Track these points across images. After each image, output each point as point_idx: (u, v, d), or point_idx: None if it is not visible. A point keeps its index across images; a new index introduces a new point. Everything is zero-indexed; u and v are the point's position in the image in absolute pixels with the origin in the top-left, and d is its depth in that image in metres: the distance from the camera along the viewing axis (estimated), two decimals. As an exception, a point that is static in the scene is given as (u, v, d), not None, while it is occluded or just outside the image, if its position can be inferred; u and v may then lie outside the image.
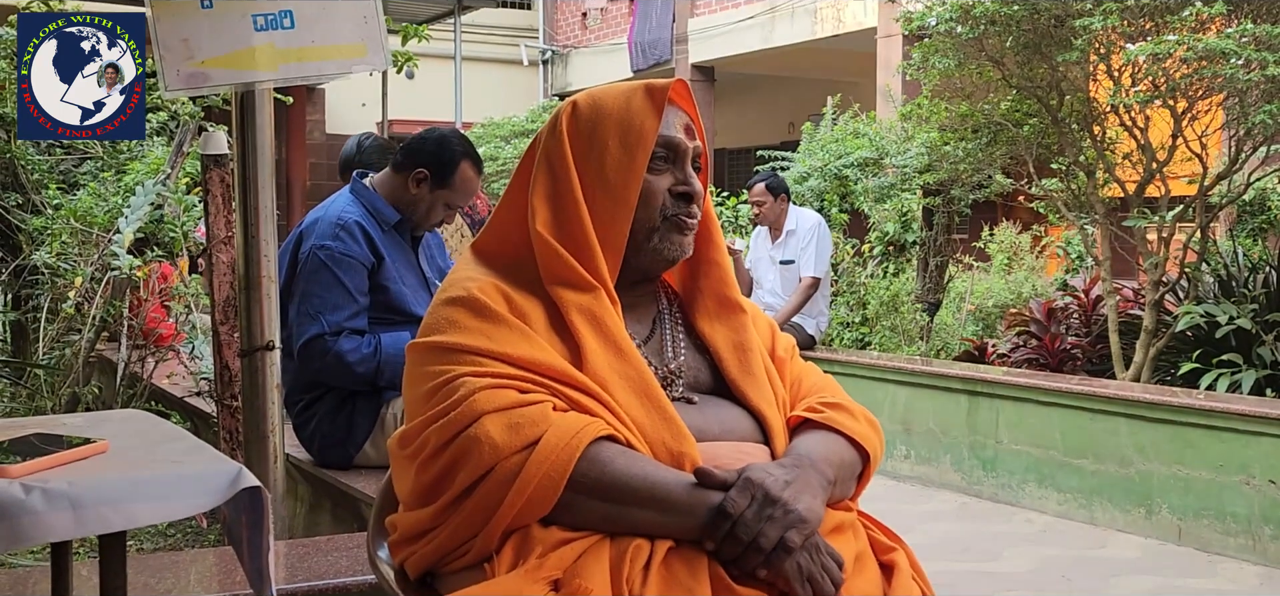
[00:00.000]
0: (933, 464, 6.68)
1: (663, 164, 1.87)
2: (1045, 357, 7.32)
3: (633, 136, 1.84)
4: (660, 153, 1.86)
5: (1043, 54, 6.61)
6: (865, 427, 1.92)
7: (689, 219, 1.89)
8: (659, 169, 1.87)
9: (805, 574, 1.63)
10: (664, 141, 1.86)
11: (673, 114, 1.89)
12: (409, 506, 1.77)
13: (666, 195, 1.87)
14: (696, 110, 1.96)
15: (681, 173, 1.89)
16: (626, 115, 1.85)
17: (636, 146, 1.83)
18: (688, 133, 1.91)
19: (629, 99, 1.87)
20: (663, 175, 1.87)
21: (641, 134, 1.84)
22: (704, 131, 1.98)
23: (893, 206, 9.11)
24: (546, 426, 1.65)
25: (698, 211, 1.91)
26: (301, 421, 3.79)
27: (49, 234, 5.18)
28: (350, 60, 3.36)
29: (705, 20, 16.58)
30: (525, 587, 1.58)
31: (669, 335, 1.94)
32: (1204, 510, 5.25)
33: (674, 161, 1.89)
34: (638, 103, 1.86)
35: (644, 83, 1.90)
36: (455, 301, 1.81)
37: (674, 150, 1.88)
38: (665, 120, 1.87)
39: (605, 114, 1.86)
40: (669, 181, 1.88)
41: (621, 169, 1.83)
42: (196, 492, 1.49)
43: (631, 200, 1.84)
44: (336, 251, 3.56)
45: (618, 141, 1.84)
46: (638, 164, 1.84)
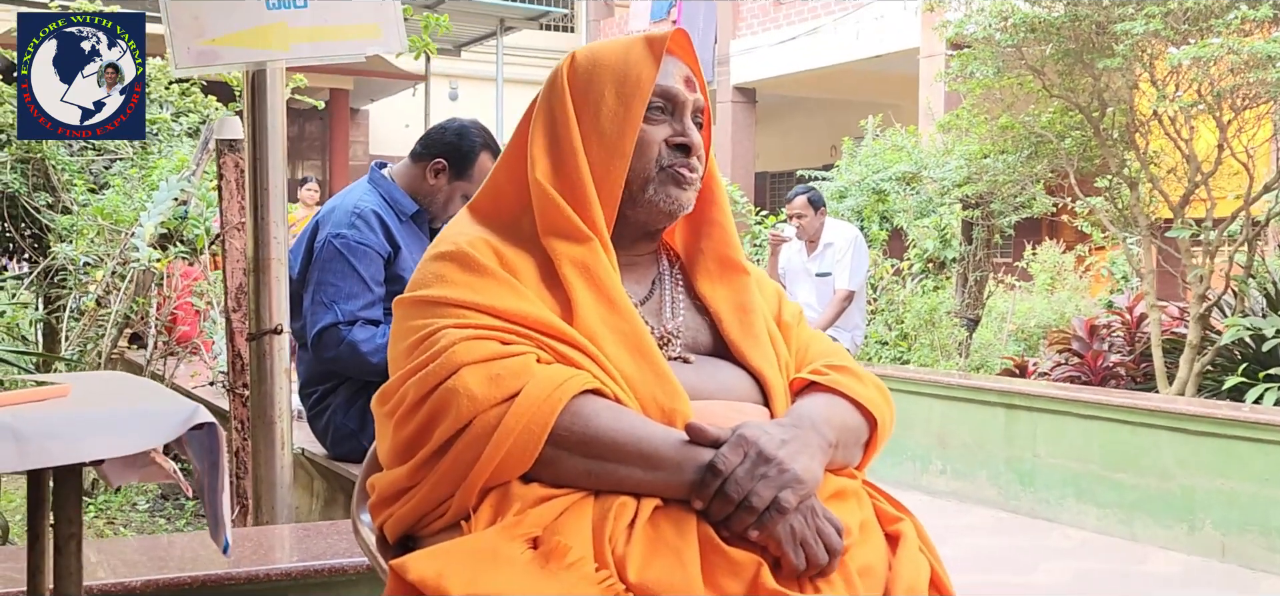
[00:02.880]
0: (969, 479, 6.53)
1: (660, 114, 1.81)
2: (1087, 375, 7.16)
3: (629, 86, 1.78)
4: (657, 103, 1.80)
5: (1084, 63, 6.47)
6: (873, 393, 1.82)
7: (687, 172, 1.81)
8: (656, 119, 1.80)
9: (799, 537, 1.53)
10: (661, 91, 1.80)
11: (673, 64, 1.83)
12: (389, 465, 1.69)
13: (663, 146, 1.80)
14: (698, 63, 1.88)
15: (680, 124, 1.82)
16: (624, 65, 1.79)
17: (633, 96, 1.77)
18: (688, 85, 1.84)
19: (627, 50, 1.81)
20: (660, 125, 1.81)
21: (638, 83, 1.78)
22: (706, 86, 1.90)
23: (932, 223, 8.98)
24: (528, 378, 1.57)
25: (697, 165, 1.83)
26: (315, 413, 3.73)
27: (76, 231, 5.17)
28: (365, 41, 3.32)
29: (747, 41, 16.53)
30: (501, 544, 1.50)
31: (668, 296, 1.86)
32: (1249, 525, 5.08)
33: (672, 113, 1.82)
34: (636, 53, 1.80)
35: (644, 33, 1.83)
36: (443, 256, 1.74)
37: (672, 101, 1.81)
38: (664, 70, 1.81)
39: (603, 65, 1.80)
40: (666, 132, 1.81)
41: (617, 119, 1.77)
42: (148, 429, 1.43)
43: (627, 150, 1.77)
44: (353, 240, 3.50)
45: (614, 91, 1.78)
46: (634, 114, 1.77)
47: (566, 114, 1.78)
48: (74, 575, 1.52)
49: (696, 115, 1.85)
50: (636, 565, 1.48)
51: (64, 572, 1.52)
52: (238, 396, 3.52)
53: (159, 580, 2.38)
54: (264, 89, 3.20)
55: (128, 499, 4.83)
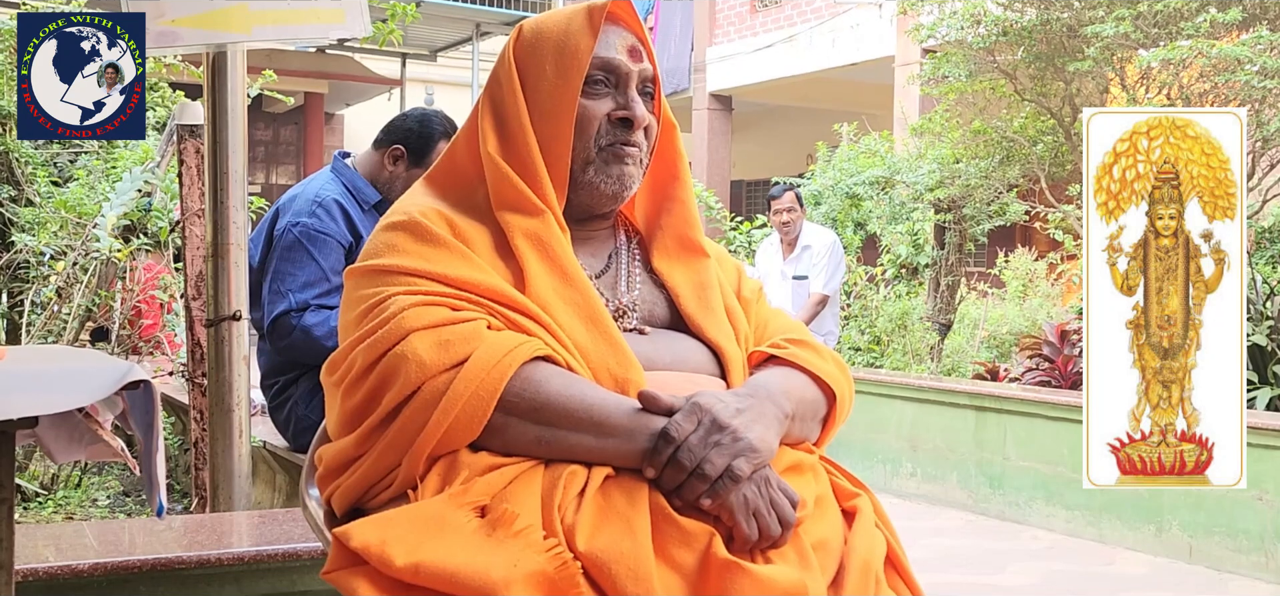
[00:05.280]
0: (939, 481, 6.52)
1: (602, 87, 1.74)
2: (1058, 380, 7.15)
3: (567, 58, 1.71)
4: (598, 75, 1.73)
5: (1056, 66, 6.49)
6: (832, 367, 1.78)
7: (628, 148, 1.75)
8: (597, 93, 1.73)
9: (752, 507, 1.50)
10: (601, 62, 1.73)
11: (615, 34, 1.75)
12: (337, 436, 1.65)
13: (604, 121, 1.73)
14: (644, 31, 1.82)
15: (623, 97, 1.75)
16: (563, 36, 1.72)
17: (570, 67, 1.71)
18: (632, 55, 1.76)
19: (569, 20, 1.74)
20: (602, 100, 1.74)
21: (576, 54, 1.71)
22: (655, 56, 1.83)
23: (905, 229, 8.99)
24: (478, 344, 1.54)
25: (641, 141, 1.77)
26: (277, 405, 3.66)
27: (38, 223, 5.10)
28: (328, 25, 3.29)
29: (723, 48, 16.52)
30: (448, 511, 1.46)
31: (624, 269, 1.82)
32: (1215, 527, 5.08)
33: (615, 85, 1.75)
34: (576, 23, 1.72)
35: (587, 3, 1.77)
36: (395, 225, 1.70)
37: (614, 72, 1.74)
38: (604, 41, 1.73)
39: (544, 36, 1.74)
40: (608, 106, 1.74)
41: (556, 93, 1.71)
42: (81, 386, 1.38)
43: (567, 127, 1.71)
44: (312, 228, 3.44)
45: (553, 64, 1.72)
46: (572, 86, 1.71)
47: (513, 87, 1.73)
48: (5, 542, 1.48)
49: (646, 86, 1.78)
50: (586, 533, 1.45)
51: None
52: (197, 386, 3.46)
53: (108, 563, 2.33)
54: (225, 72, 3.15)
55: (88, 496, 4.76)
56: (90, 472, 4.99)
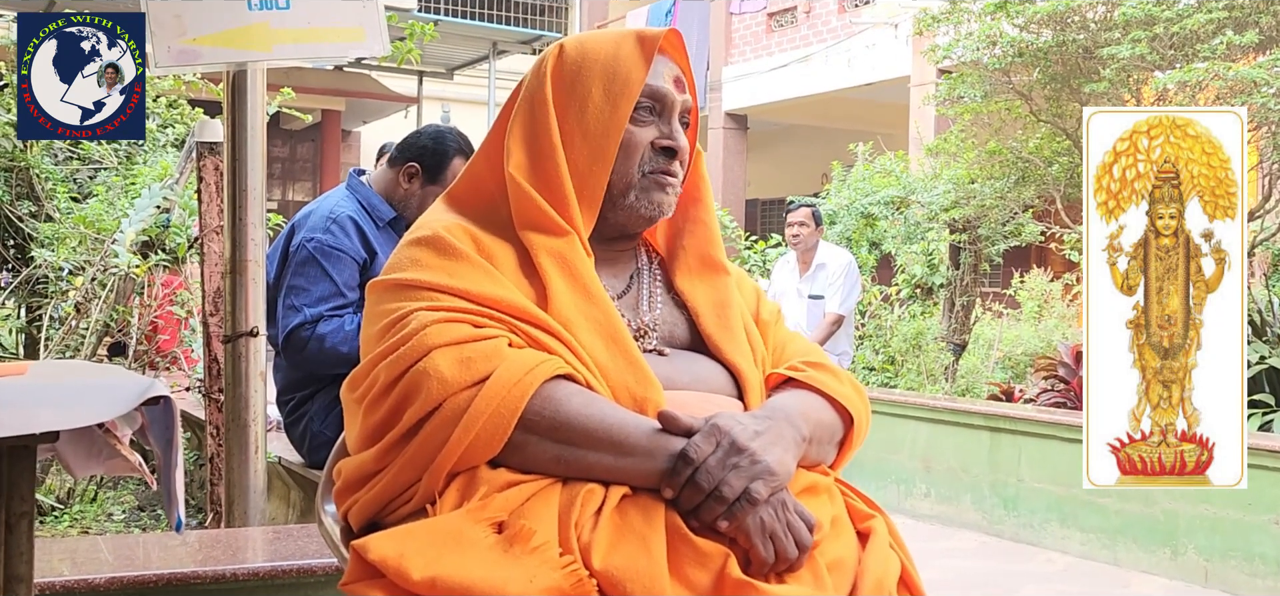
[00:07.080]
0: (953, 503, 6.50)
1: (648, 115, 1.76)
2: (1073, 401, 7.13)
3: (618, 84, 1.72)
4: (645, 103, 1.75)
5: (1071, 88, 6.49)
6: (849, 391, 1.79)
7: (669, 177, 1.77)
8: (643, 120, 1.76)
9: (768, 530, 1.50)
10: (650, 92, 1.75)
11: (663, 64, 1.78)
12: (357, 451, 1.66)
13: (648, 149, 1.76)
14: (689, 64, 1.85)
15: (667, 126, 1.77)
16: (614, 62, 1.73)
17: (620, 95, 1.72)
18: (677, 85, 1.79)
19: (618, 45, 1.75)
20: (646, 127, 1.76)
21: (627, 82, 1.72)
22: (696, 87, 1.86)
23: (920, 248, 8.98)
24: (499, 362, 1.55)
25: (680, 170, 1.80)
26: (292, 421, 3.68)
27: (58, 239, 5.13)
28: (348, 44, 3.31)
29: (739, 67, 16.55)
30: (465, 526, 1.47)
31: (646, 290, 1.83)
32: (1232, 551, 5.06)
33: (660, 114, 1.77)
34: (627, 50, 1.74)
35: (635, 30, 1.79)
36: (419, 241, 1.72)
37: (661, 102, 1.76)
38: (654, 70, 1.76)
39: (592, 59, 1.75)
40: (652, 134, 1.76)
41: (603, 117, 1.72)
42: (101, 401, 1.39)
43: (611, 151, 1.73)
44: (327, 244, 3.45)
45: (601, 89, 1.72)
46: (620, 113, 1.72)
47: (546, 108, 1.74)
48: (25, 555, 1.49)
49: (684, 116, 1.81)
50: (602, 551, 1.46)
51: (15, 553, 1.49)
52: (213, 401, 3.48)
53: (124, 578, 2.34)
54: (245, 90, 3.17)
55: (104, 510, 4.78)
56: (106, 487, 5.01)
